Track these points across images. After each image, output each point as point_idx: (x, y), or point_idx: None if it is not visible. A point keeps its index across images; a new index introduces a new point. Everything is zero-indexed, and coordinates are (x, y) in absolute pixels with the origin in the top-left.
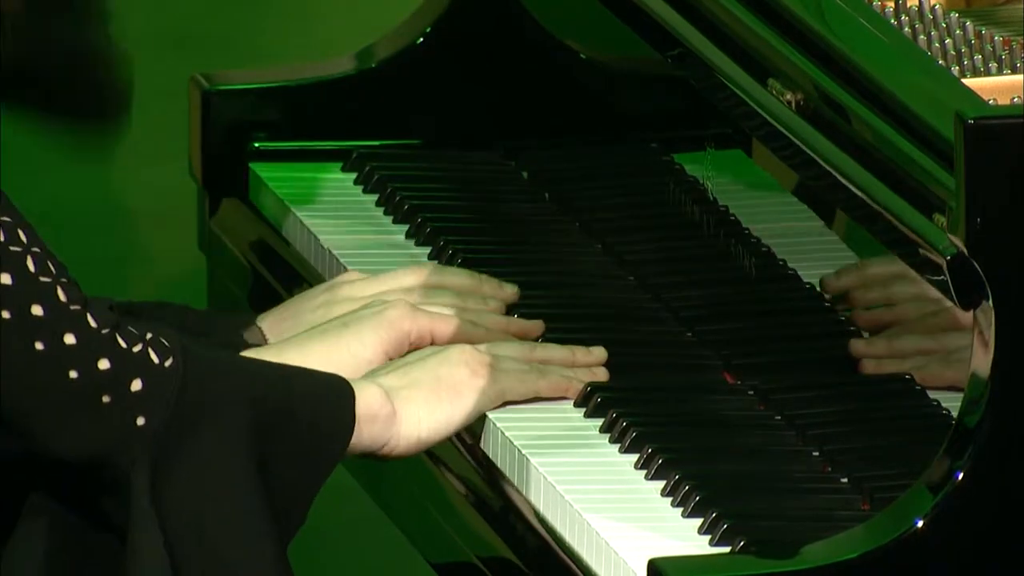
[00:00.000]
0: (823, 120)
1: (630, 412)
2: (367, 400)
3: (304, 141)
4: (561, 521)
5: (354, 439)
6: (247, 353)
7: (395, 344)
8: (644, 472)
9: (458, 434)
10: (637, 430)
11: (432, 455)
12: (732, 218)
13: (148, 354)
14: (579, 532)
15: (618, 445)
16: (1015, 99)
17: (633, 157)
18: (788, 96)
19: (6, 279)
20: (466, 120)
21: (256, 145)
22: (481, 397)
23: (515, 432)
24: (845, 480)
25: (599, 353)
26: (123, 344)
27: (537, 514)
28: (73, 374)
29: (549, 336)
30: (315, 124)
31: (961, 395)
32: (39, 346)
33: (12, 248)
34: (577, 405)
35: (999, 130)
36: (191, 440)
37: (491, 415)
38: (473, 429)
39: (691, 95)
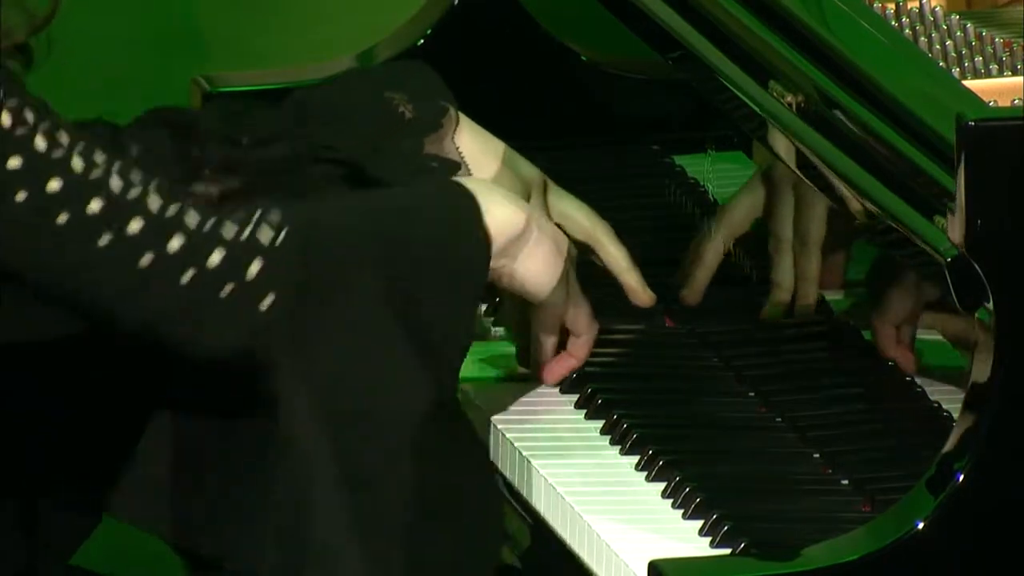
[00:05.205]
0: (824, 122)
1: (631, 414)
2: (505, 216)
3: None
4: (562, 523)
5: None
6: None
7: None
8: (645, 474)
9: None
10: (638, 432)
11: None
12: None
13: (257, 237)
14: (580, 534)
15: (619, 447)
16: (1016, 101)
17: (634, 159)
18: (789, 98)
19: (116, 186)
20: None
21: None
22: (563, 282)
23: (516, 434)
24: (846, 482)
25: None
26: (229, 235)
27: (538, 516)
28: (189, 274)
29: None
30: None
31: (961, 395)
32: (144, 261)
33: (105, 168)
34: (578, 407)
35: (1000, 132)
36: (326, 309)
37: (493, 418)
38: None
39: (692, 97)
